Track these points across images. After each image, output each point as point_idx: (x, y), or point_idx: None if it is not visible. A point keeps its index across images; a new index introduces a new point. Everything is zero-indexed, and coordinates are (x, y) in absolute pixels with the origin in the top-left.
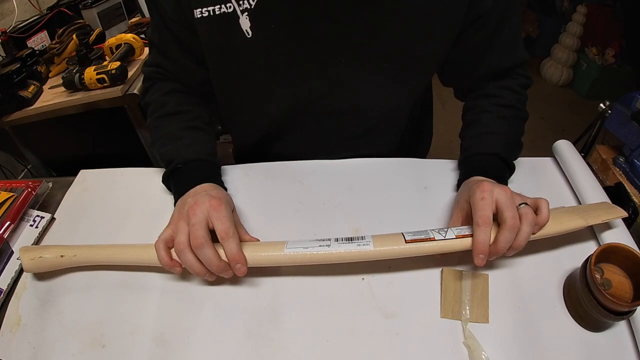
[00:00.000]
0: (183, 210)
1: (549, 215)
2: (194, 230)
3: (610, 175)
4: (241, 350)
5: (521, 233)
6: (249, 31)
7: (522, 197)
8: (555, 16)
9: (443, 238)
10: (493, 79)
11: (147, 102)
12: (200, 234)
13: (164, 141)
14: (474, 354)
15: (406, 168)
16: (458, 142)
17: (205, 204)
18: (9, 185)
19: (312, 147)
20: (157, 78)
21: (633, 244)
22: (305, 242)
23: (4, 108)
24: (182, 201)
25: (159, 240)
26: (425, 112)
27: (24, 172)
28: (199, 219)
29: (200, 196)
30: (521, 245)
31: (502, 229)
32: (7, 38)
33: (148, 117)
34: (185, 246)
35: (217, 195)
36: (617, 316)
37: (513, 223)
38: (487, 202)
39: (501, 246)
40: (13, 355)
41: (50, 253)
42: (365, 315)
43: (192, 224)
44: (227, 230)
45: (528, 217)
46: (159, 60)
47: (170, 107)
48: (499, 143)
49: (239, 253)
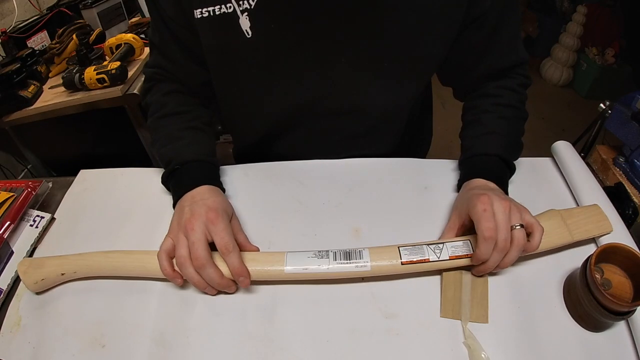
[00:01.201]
0: (181, 221)
1: (539, 245)
2: (194, 249)
3: (610, 175)
4: (241, 350)
5: (508, 256)
6: (248, 31)
7: (520, 212)
8: (555, 16)
9: (437, 259)
10: (493, 79)
11: (148, 102)
12: (201, 254)
13: (164, 141)
14: (474, 354)
15: (406, 168)
16: (458, 142)
17: (202, 217)
18: (9, 185)
19: (312, 147)
20: (158, 79)
21: (633, 244)
22: (304, 258)
23: (4, 108)
24: (180, 207)
25: (161, 251)
26: (425, 112)
27: (24, 172)
28: (197, 237)
29: (198, 207)
30: (506, 266)
31: (493, 249)
32: (7, 38)
33: (148, 117)
34: (186, 260)
35: (214, 206)
36: (617, 316)
37: (504, 246)
38: (489, 214)
39: (489, 265)
40: (13, 355)
41: (51, 273)
42: (365, 315)
43: (192, 242)
44: (227, 245)
45: (519, 243)
46: (159, 61)
47: (170, 108)
48: (500, 144)
49: (241, 267)
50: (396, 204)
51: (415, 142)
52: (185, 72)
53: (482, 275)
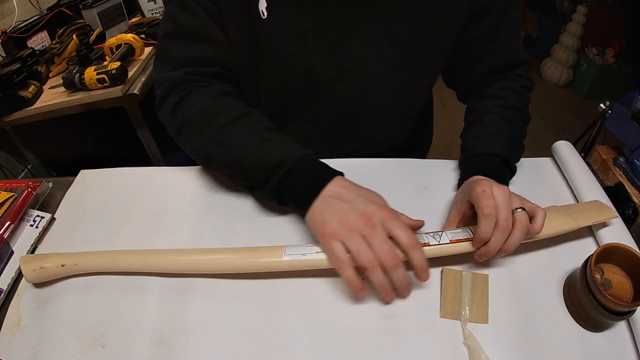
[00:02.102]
0: (349, 220)
1: (542, 227)
2: (386, 249)
3: (610, 175)
4: (241, 350)
5: (511, 238)
6: (264, 12)
7: (521, 199)
8: (555, 16)
9: (437, 243)
10: (495, 78)
11: (187, 115)
12: (394, 253)
13: (254, 148)
14: (474, 354)
15: (406, 168)
16: (458, 142)
17: (377, 214)
18: (9, 185)
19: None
20: (194, 83)
21: (633, 244)
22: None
23: (4, 108)
24: (332, 205)
25: (342, 260)
26: (426, 112)
27: (24, 172)
28: (383, 237)
29: (361, 203)
30: (509, 249)
31: (495, 230)
32: (8, 38)
33: (199, 132)
34: (377, 265)
35: (377, 200)
36: (617, 316)
37: (506, 225)
38: (489, 194)
39: (491, 247)
40: (13, 355)
41: (51, 262)
42: (365, 315)
43: (381, 240)
44: (415, 240)
45: (522, 224)
46: (193, 53)
47: (231, 112)
48: (501, 144)
49: (425, 261)
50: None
51: (415, 142)
52: (229, 51)
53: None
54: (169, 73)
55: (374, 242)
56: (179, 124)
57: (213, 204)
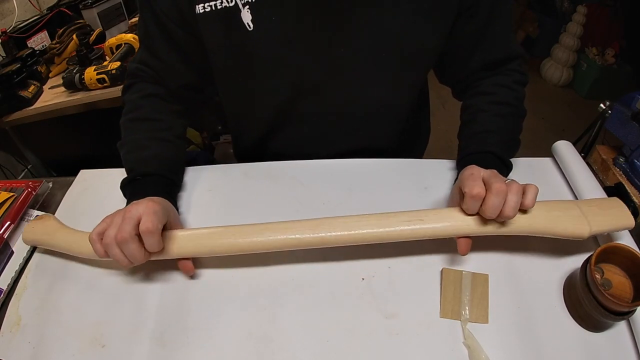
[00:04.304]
0: (121, 211)
1: (534, 201)
2: (122, 225)
3: (611, 175)
4: (241, 350)
5: (508, 201)
6: (250, 24)
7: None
8: (555, 16)
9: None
10: (487, 74)
11: (125, 100)
12: (126, 228)
13: (130, 147)
14: (474, 354)
15: (406, 168)
16: (457, 142)
17: (142, 204)
18: (9, 185)
19: (313, 140)
20: (140, 77)
21: (633, 244)
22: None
23: (4, 108)
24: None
25: (92, 233)
26: (422, 109)
27: (24, 172)
28: (131, 215)
29: (143, 200)
30: (509, 213)
31: (490, 193)
32: (7, 38)
33: (123, 115)
34: (112, 240)
35: (158, 201)
36: (617, 316)
37: (500, 187)
38: (476, 176)
39: (489, 211)
40: (13, 355)
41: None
42: (365, 315)
43: (124, 218)
44: (149, 227)
45: (516, 188)
46: (145, 58)
47: (144, 112)
48: (495, 141)
49: (159, 246)
50: (396, 204)
51: (413, 140)
52: (170, 71)
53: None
54: (131, 64)
55: (123, 219)
56: (123, 102)
57: (212, 203)
